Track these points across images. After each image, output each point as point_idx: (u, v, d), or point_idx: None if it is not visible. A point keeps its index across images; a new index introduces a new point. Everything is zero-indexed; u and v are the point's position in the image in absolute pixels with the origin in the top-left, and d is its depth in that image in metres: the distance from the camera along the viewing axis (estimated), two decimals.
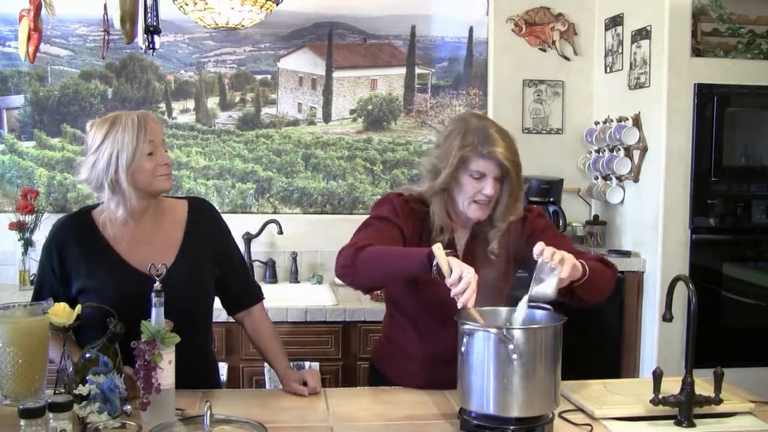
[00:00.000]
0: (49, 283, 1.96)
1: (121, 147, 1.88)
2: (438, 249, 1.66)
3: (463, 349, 1.65)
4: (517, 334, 1.60)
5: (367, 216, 2.04)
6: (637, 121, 3.59)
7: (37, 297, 1.95)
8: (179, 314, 1.85)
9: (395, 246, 1.92)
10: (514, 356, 1.58)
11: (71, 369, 1.69)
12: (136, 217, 1.98)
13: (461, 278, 1.61)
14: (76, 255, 1.94)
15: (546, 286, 1.70)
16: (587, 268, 1.80)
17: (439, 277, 1.66)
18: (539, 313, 1.76)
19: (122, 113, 1.95)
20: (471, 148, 1.90)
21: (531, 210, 2.11)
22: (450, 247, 1.99)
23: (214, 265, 2.06)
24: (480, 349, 1.62)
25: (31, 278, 3.51)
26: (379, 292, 3.16)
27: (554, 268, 1.68)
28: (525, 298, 1.72)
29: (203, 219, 2.09)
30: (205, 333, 2.14)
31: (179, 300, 1.89)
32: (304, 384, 1.97)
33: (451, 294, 1.63)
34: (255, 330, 2.15)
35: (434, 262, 1.66)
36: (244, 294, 2.16)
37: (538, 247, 1.70)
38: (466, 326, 1.63)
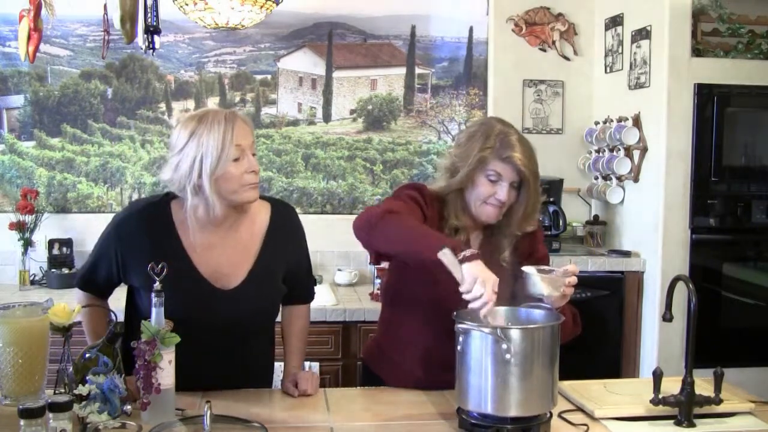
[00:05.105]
0: (107, 263, 1.89)
1: (205, 150, 1.76)
2: (445, 256, 1.66)
3: (459, 348, 1.65)
4: (513, 334, 1.59)
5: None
6: (637, 121, 3.59)
7: (92, 270, 1.91)
8: (245, 327, 1.87)
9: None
10: (508, 356, 1.58)
11: (71, 369, 1.69)
12: (217, 223, 1.88)
13: (474, 287, 1.63)
14: (145, 251, 1.81)
15: (548, 289, 1.78)
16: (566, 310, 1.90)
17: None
18: (537, 313, 1.77)
19: (210, 111, 1.82)
20: (491, 151, 1.93)
21: (540, 229, 2.14)
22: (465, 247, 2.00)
23: (281, 281, 2.00)
24: (476, 348, 1.62)
25: (32, 277, 3.51)
26: (378, 291, 3.18)
27: (561, 291, 1.77)
28: (533, 268, 1.79)
29: (284, 229, 1.99)
30: (269, 341, 2.10)
31: (246, 317, 1.89)
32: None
33: (469, 303, 1.65)
34: (287, 321, 2.11)
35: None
36: (296, 296, 2.10)
37: (574, 269, 1.80)
38: (461, 325, 1.63)
